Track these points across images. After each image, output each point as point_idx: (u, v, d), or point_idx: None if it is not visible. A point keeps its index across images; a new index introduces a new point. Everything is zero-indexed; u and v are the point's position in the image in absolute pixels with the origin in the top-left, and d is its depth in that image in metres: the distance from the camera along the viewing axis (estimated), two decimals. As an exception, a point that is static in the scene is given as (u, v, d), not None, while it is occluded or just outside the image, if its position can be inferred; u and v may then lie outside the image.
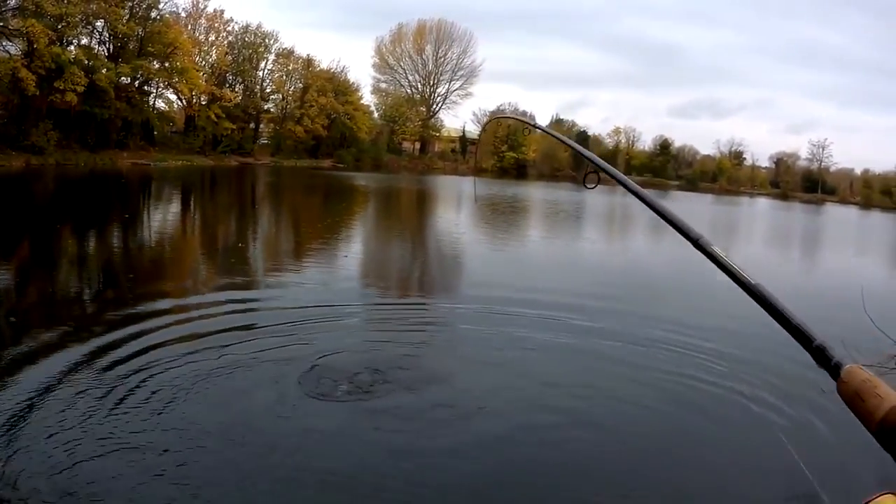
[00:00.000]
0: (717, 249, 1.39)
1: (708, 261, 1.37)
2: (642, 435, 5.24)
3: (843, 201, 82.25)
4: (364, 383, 5.89)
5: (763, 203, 66.17)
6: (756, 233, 31.98)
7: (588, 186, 2.20)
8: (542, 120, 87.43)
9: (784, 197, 79.87)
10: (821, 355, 1.10)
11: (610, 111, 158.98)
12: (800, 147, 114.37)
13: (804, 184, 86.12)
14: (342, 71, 68.24)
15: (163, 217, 20.48)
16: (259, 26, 61.61)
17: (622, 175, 1.97)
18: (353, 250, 15.00)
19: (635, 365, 6.90)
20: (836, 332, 5.28)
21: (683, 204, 46.33)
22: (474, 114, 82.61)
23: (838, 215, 57.52)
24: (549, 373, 6.54)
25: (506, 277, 11.74)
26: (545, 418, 5.38)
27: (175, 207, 23.83)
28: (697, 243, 1.46)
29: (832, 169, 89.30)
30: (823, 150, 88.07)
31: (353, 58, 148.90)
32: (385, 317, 8.58)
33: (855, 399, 1.01)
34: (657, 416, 5.67)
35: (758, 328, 8.29)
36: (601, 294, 10.53)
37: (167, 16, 47.12)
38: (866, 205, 77.69)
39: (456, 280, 12.38)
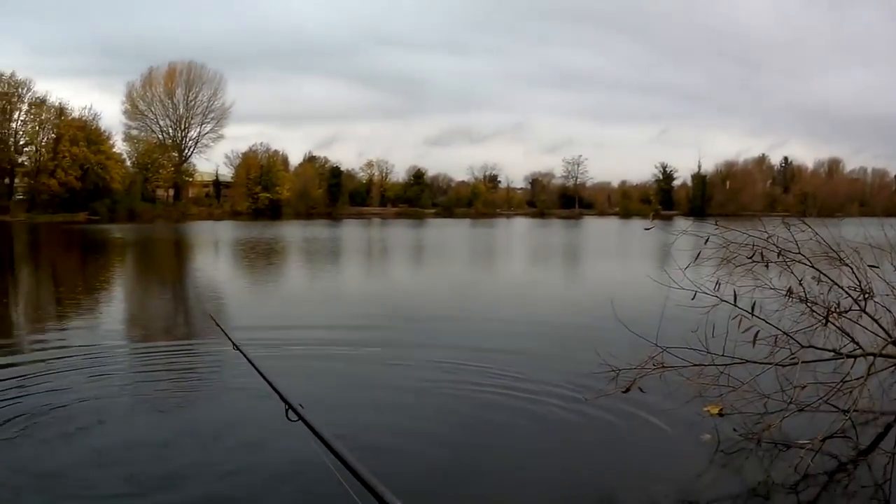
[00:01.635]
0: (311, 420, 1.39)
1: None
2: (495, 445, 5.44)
3: (602, 213, 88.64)
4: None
5: (520, 222, 69.83)
6: (515, 251, 33.30)
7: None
8: (296, 158, 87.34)
9: (541, 215, 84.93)
10: None
11: (365, 145, 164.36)
12: (555, 166, 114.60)
13: (561, 200, 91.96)
14: (94, 119, 66.88)
15: None
16: (13, 74, 58.89)
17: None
18: (112, 305, 14.31)
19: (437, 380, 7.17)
20: (598, 338, 7.18)
21: (440, 230, 49.04)
22: (227, 156, 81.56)
23: (597, 227, 60.94)
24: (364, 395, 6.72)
25: (284, 318, 11.76)
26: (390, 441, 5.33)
27: None
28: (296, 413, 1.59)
29: (588, 184, 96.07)
30: (578, 166, 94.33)
31: (106, 104, 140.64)
32: (154, 361, 8.48)
33: None
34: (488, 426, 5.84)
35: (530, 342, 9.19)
36: (373, 325, 10.79)
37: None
38: (625, 215, 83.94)
39: (224, 322, 12.40)
